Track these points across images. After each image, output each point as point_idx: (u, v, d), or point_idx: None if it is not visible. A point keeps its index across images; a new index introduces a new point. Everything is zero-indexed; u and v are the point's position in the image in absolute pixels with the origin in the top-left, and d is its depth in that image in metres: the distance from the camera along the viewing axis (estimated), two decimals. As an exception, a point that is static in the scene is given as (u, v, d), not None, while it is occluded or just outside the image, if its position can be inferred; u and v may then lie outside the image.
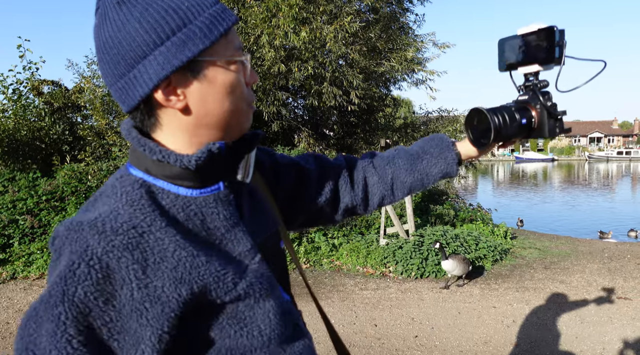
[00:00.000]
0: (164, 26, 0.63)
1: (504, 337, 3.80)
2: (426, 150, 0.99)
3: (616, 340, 3.69)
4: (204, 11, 0.65)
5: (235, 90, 0.69)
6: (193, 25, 0.64)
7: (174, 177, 0.68)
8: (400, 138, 9.63)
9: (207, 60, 0.66)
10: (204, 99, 0.67)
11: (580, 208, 16.83)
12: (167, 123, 0.68)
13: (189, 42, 0.63)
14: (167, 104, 0.66)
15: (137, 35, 0.63)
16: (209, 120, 0.68)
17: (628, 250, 6.95)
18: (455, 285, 5.07)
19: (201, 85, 0.66)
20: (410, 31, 9.03)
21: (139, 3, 0.63)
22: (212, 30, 0.65)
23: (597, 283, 5.20)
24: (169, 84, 0.65)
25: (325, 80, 7.32)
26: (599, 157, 57.80)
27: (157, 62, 0.63)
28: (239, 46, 0.70)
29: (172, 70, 0.63)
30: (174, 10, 0.63)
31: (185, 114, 0.67)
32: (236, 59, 0.69)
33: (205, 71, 0.66)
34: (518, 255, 6.58)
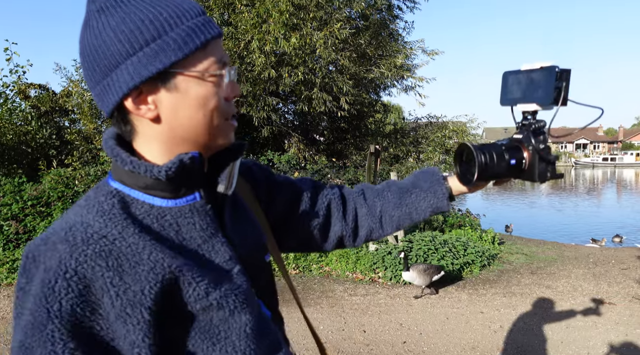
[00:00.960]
0: (138, 36, 0.64)
1: (491, 343, 3.83)
2: (416, 184, 0.98)
3: (600, 345, 3.74)
4: (182, 23, 0.65)
5: (208, 103, 0.68)
6: (168, 37, 0.64)
7: (147, 188, 0.68)
8: (390, 144, 9.69)
9: (179, 72, 0.66)
10: (176, 110, 0.67)
11: (566, 213, 17.05)
12: (142, 132, 0.69)
13: (161, 54, 0.64)
14: (137, 112, 0.67)
15: (111, 44, 0.64)
16: (181, 131, 0.68)
17: (612, 256, 7.06)
18: (413, 297, 4.93)
19: (172, 96, 0.66)
20: (399, 38, 9.13)
21: (118, 12, 0.64)
22: (187, 42, 0.65)
23: (582, 288, 5.27)
24: (140, 94, 0.66)
25: (316, 86, 7.35)
26: (585, 163, 58.67)
27: (127, 72, 0.64)
28: (220, 59, 0.69)
29: (141, 80, 0.64)
30: (151, 21, 0.64)
31: (157, 123, 0.68)
32: (212, 72, 0.68)
33: (177, 83, 0.66)
34: (505, 260, 6.64)
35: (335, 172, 7.94)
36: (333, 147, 9.60)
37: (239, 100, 7.37)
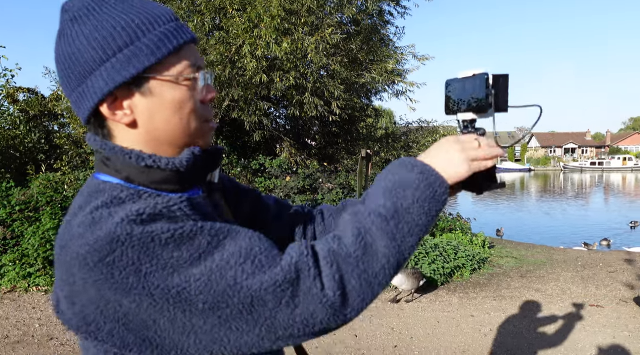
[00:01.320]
0: (111, 43, 0.65)
1: (481, 346, 3.86)
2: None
3: (589, 347, 3.79)
4: (154, 29, 0.67)
5: (184, 106, 0.70)
6: (140, 42, 0.66)
7: (160, 182, 0.69)
8: (381, 148, 9.73)
9: (153, 77, 0.67)
10: (151, 114, 0.68)
11: (555, 217, 17.23)
12: (119, 136, 0.70)
13: (134, 59, 0.65)
14: (113, 118, 0.68)
15: (85, 51, 0.65)
16: (158, 135, 0.70)
17: (600, 259, 7.15)
18: (404, 301, 4.94)
19: (147, 100, 0.68)
20: (390, 43, 9.18)
21: (90, 20, 0.66)
22: (160, 47, 0.66)
23: (570, 291, 5.33)
24: (115, 99, 0.67)
25: (307, 90, 7.37)
26: (573, 168, 59.37)
27: (102, 78, 0.65)
28: (194, 63, 0.71)
29: (115, 85, 0.65)
30: (123, 28, 0.65)
31: (133, 128, 0.69)
32: (186, 76, 0.69)
33: (152, 87, 0.67)
34: (495, 264, 6.70)
35: (327, 177, 7.96)
36: (324, 152, 9.62)
37: (230, 104, 7.37)
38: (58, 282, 0.66)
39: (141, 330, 0.61)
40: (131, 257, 0.58)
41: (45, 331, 4.18)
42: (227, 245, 0.62)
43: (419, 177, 0.70)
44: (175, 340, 0.62)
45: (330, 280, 0.62)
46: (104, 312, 0.61)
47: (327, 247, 0.65)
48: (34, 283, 5.39)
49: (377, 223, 0.66)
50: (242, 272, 0.60)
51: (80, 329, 0.64)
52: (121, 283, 0.59)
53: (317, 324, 0.63)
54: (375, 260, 0.65)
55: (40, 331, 4.18)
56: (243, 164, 7.96)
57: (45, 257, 5.36)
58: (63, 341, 3.96)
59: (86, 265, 0.59)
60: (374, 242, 0.65)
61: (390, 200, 0.68)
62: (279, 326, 0.62)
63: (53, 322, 4.38)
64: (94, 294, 0.60)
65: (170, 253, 0.59)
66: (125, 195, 0.65)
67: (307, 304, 0.61)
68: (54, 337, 4.06)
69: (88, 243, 0.59)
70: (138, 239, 0.59)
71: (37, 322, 4.39)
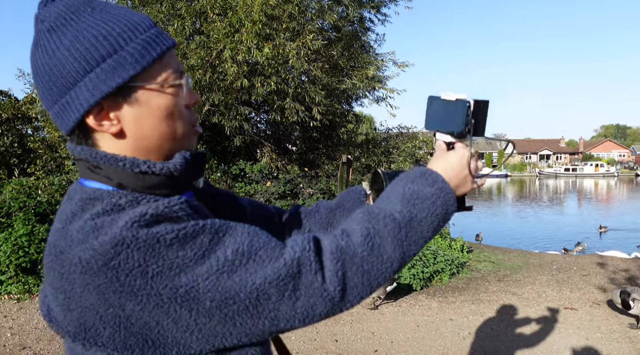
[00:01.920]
0: (94, 53, 0.64)
1: (460, 349, 3.91)
2: (340, 203, 0.99)
3: (563, 349, 3.88)
4: (136, 37, 0.66)
5: (172, 112, 0.70)
6: (124, 51, 0.65)
7: (154, 187, 0.69)
8: (361, 154, 9.80)
9: (139, 85, 0.67)
10: (139, 123, 0.68)
11: (531, 222, 17.61)
12: (104, 146, 0.70)
13: (119, 68, 0.65)
14: (100, 128, 0.68)
15: (66, 63, 0.64)
16: (147, 143, 0.70)
17: (574, 263, 7.34)
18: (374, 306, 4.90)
19: (134, 110, 0.68)
20: (371, 50, 9.28)
21: (69, 31, 0.65)
22: (144, 55, 0.66)
23: (546, 294, 5.45)
24: (101, 110, 0.67)
25: (288, 95, 7.39)
26: (548, 174, 60.81)
27: (86, 89, 0.64)
28: (177, 69, 0.71)
29: (101, 96, 0.65)
30: (104, 37, 0.65)
31: (120, 137, 0.69)
32: (171, 83, 0.70)
33: (138, 96, 0.67)
34: (474, 268, 6.80)
35: (308, 182, 7.97)
36: (305, 157, 9.63)
37: (211, 109, 7.32)
38: (50, 290, 0.65)
39: (143, 331, 0.62)
40: (137, 260, 0.59)
41: (17, 340, 4.06)
42: (228, 242, 0.63)
43: (437, 194, 0.73)
44: (177, 338, 0.63)
45: (333, 276, 0.65)
46: (104, 317, 0.61)
47: (335, 244, 0.67)
48: (6, 291, 5.23)
49: (389, 227, 0.69)
50: (245, 269, 0.62)
51: (78, 336, 0.64)
52: (127, 286, 0.59)
53: (316, 315, 0.66)
54: (379, 263, 0.68)
55: (13, 340, 4.06)
56: (223, 169, 7.91)
57: (17, 265, 5.20)
58: (36, 350, 3.85)
59: (89, 270, 0.59)
60: (382, 244, 0.68)
61: (407, 208, 0.71)
62: (282, 318, 0.64)
63: (26, 330, 4.26)
64: (94, 299, 0.60)
65: (175, 253, 0.60)
66: (125, 201, 0.65)
67: (308, 297, 0.64)
68: (27, 346, 3.94)
69: (92, 248, 0.59)
70: (144, 241, 0.59)
71: (9, 331, 4.26)
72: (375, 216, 0.70)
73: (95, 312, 0.61)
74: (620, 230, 14.16)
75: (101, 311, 0.61)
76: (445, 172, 0.77)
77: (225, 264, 0.61)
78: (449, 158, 0.79)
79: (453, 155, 0.79)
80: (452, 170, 0.78)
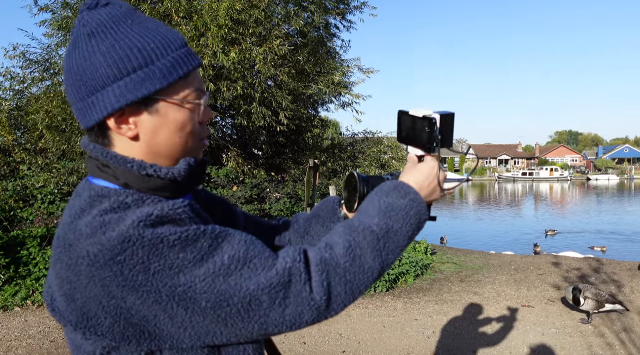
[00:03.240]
0: (127, 63, 0.69)
1: (424, 348, 4.02)
2: (316, 213, 1.04)
3: (521, 345, 4.06)
4: (168, 54, 0.72)
5: (186, 127, 0.76)
6: (154, 66, 0.71)
7: (158, 189, 0.74)
8: (328, 158, 9.88)
9: (162, 98, 0.73)
10: (155, 131, 0.74)
11: (490, 224, 18.21)
12: (118, 146, 0.75)
13: (147, 81, 0.70)
14: (118, 131, 0.73)
15: (100, 67, 0.69)
16: (158, 149, 0.75)
17: (531, 263, 7.66)
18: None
19: (153, 119, 0.73)
20: (337, 56, 9.40)
21: (108, 38, 0.70)
22: (171, 72, 0.72)
23: (505, 293, 5.68)
24: (122, 114, 0.72)
25: (255, 100, 7.38)
26: (506, 178, 63.06)
27: (113, 94, 0.70)
28: (198, 87, 0.77)
29: (126, 103, 0.70)
30: (139, 50, 0.70)
31: (135, 140, 0.74)
32: (191, 101, 0.75)
33: (159, 108, 0.73)
34: (437, 269, 6.99)
35: (274, 186, 7.97)
36: (272, 161, 9.61)
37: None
38: (56, 280, 0.69)
39: (141, 324, 0.66)
40: (141, 257, 0.63)
41: (-31, 354, 3.86)
42: (225, 248, 0.68)
43: (409, 204, 0.79)
44: (172, 333, 0.67)
45: (318, 286, 0.70)
46: (106, 308, 0.65)
47: (319, 256, 0.72)
48: (-44, 302, 4.97)
49: (368, 239, 0.75)
50: (240, 275, 0.67)
51: (79, 325, 0.68)
52: (130, 280, 0.63)
53: (302, 322, 0.71)
54: (361, 273, 0.74)
55: (-36, 354, 3.86)
56: (188, 174, 7.78)
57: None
58: (-10, 363, 3.68)
59: (96, 263, 0.63)
60: (362, 255, 0.74)
61: (384, 220, 0.77)
62: (271, 323, 0.69)
63: (-22, 343, 4.06)
64: (99, 290, 0.64)
65: (176, 254, 0.65)
66: (131, 200, 0.70)
67: (296, 305, 0.69)
68: (-21, 359, 3.76)
69: (100, 242, 0.64)
70: (149, 240, 0.64)
71: (-40, 344, 4.04)
72: (355, 229, 0.76)
73: (98, 302, 0.65)
74: (570, 232, 14.82)
75: (104, 302, 0.65)
76: (417, 184, 0.83)
77: (221, 268, 0.66)
78: (419, 170, 0.85)
79: (423, 167, 0.86)
80: (422, 181, 0.84)
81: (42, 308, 5.05)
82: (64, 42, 7.97)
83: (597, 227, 16.22)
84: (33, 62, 8.16)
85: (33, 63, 8.17)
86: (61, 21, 7.59)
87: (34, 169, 7.26)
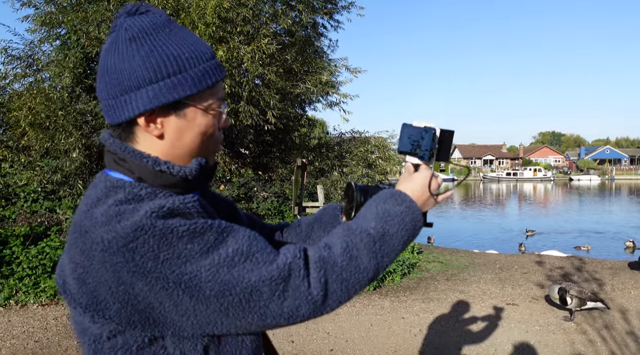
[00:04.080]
0: (162, 69, 0.76)
1: (411, 346, 4.06)
2: (318, 218, 1.10)
3: (506, 342, 4.12)
4: (199, 64, 0.79)
5: (207, 131, 0.82)
6: (187, 74, 0.77)
7: (170, 186, 0.79)
8: (315, 157, 9.89)
9: (190, 104, 0.79)
10: (180, 133, 0.80)
11: (476, 223, 18.43)
12: (142, 143, 0.81)
13: (179, 87, 0.77)
14: (146, 129, 0.79)
15: (138, 69, 0.75)
16: (179, 150, 0.82)
17: (515, 261, 7.78)
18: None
19: (180, 121, 0.80)
20: (324, 55, 9.41)
21: (147, 44, 0.76)
22: (202, 81, 0.79)
23: (490, 292, 5.76)
24: (151, 114, 0.78)
25: (242, 99, 7.35)
26: (491, 178, 63.86)
27: (147, 96, 0.75)
28: (221, 97, 0.84)
29: (158, 105, 0.76)
30: (175, 58, 0.76)
31: (160, 139, 0.80)
32: (215, 108, 0.82)
33: (186, 111, 0.79)
34: (424, 268, 7.05)
35: (262, 186, 7.95)
36: (259, 160, 9.59)
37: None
38: (69, 264, 0.73)
39: (147, 310, 0.70)
40: (152, 245, 0.68)
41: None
42: (230, 242, 0.72)
43: (405, 211, 0.85)
44: (175, 320, 0.71)
45: (316, 282, 0.74)
46: (115, 293, 0.69)
47: (318, 254, 0.77)
48: None
49: (365, 241, 0.80)
50: (243, 267, 0.71)
51: (88, 308, 0.72)
52: (140, 267, 0.67)
53: (299, 316, 0.74)
54: (356, 272, 0.78)
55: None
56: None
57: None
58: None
59: (109, 249, 0.68)
60: (359, 256, 0.78)
61: (380, 224, 0.82)
62: (269, 315, 0.73)
63: (-41, 345, 3.97)
64: (110, 275, 0.69)
65: (184, 245, 0.69)
66: (145, 193, 0.75)
67: (294, 298, 0.73)
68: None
69: (115, 230, 0.68)
70: (160, 230, 0.68)
71: (-60, 345, 3.95)
72: (353, 231, 0.81)
73: (108, 287, 0.69)
74: (555, 232, 15.07)
75: (113, 287, 0.69)
76: (412, 192, 0.89)
77: (226, 259, 0.70)
78: (414, 179, 0.91)
79: (418, 176, 0.92)
80: (418, 190, 0.90)
81: (26, 308, 4.97)
82: (48, 38, 7.85)
83: (579, 227, 16.54)
84: (15, 58, 8.00)
85: (15, 59, 8.01)
86: (44, 17, 7.46)
87: (17, 167, 7.13)
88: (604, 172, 66.33)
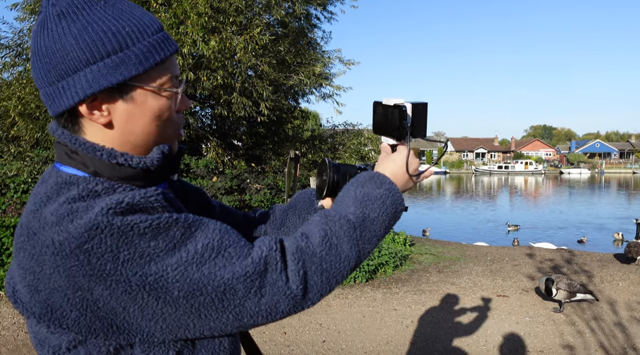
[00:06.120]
0: (100, 47, 0.66)
1: (403, 337, 4.10)
2: (293, 204, 1.03)
3: (496, 333, 4.17)
4: (144, 39, 0.69)
5: (162, 115, 0.73)
6: (130, 51, 0.67)
7: (129, 179, 0.71)
8: (308, 149, 9.87)
9: (137, 85, 0.69)
10: (130, 119, 0.71)
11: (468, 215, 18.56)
12: (90, 133, 0.71)
13: (122, 66, 0.67)
14: (90, 117, 0.69)
15: (71, 50, 0.65)
16: (133, 138, 0.72)
17: (506, 254, 7.86)
18: None
19: (128, 106, 0.70)
20: (318, 47, 9.35)
21: (80, 20, 0.66)
22: (147, 58, 0.68)
23: (481, 283, 5.81)
24: (94, 100, 0.68)
25: (235, 90, 7.30)
26: (483, 171, 64.23)
27: (86, 79, 0.66)
28: (175, 74, 0.74)
29: (99, 89, 0.66)
30: (113, 34, 0.66)
31: (108, 128, 0.71)
32: (168, 88, 0.72)
33: (134, 94, 0.69)
34: (416, 260, 7.10)
35: (255, 177, 7.92)
36: (252, 152, 9.55)
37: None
38: (18, 270, 0.66)
39: (109, 317, 0.63)
40: (110, 245, 0.60)
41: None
42: (199, 237, 0.65)
43: (385, 194, 0.79)
44: (142, 326, 0.64)
45: (295, 275, 0.69)
46: (71, 300, 0.62)
47: (295, 245, 0.71)
48: None
49: (345, 228, 0.73)
50: (214, 263, 0.64)
51: (43, 317, 0.65)
52: (98, 270, 0.60)
53: (279, 312, 0.69)
54: (337, 261, 0.72)
55: None
56: (167, 164, 7.67)
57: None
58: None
59: (61, 252, 0.60)
60: (339, 244, 0.73)
61: (360, 209, 0.76)
62: (246, 314, 0.67)
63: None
64: (64, 281, 0.61)
65: (147, 242, 0.62)
66: (101, 188, 0.67)
67: (272, 294, 0.67)
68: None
69: (66, 230, 0.61)
70: (118, 228, 0.61)
71: None
72: (331, 218, 0.74)
73: (63, 294, 0.62)
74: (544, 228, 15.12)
75: (69, 293, 0.62)
76: (392, 174, 0.84)
77: (194, 256, 0.63)
78: (393, 160, 0.85)
79: (396, 156, 0.86)
80: (397, 171, 0.84)
81: (16, 300, 4.93)
82: (37, 27, 7.72)
83: (569, 219, 16.72)
84: (4, 47, 7.87)
85: (4, 48, 7.88)
86: (34, 5, 7.34)
87: (6, 158, 7.05)
88: (594, 166, 66.98)
